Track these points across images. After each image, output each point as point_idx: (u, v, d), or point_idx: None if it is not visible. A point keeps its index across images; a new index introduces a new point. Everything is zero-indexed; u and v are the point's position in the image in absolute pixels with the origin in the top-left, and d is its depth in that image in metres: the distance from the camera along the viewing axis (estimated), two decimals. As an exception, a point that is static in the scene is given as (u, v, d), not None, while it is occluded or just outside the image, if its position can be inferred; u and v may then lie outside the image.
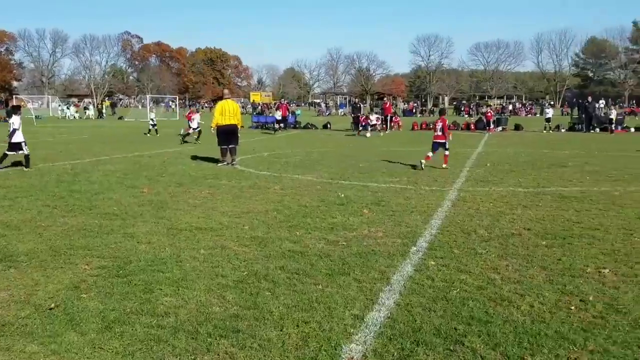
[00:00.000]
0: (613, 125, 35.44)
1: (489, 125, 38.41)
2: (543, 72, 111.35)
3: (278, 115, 37.66)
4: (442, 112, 17.88)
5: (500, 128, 39.00)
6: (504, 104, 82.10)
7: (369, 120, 34.29)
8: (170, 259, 6.87)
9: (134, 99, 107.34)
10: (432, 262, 6.74)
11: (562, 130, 37.47)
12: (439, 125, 16.21)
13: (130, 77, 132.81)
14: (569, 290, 5.74)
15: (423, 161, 15.84)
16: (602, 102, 62.80)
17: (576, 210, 9.86)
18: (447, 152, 16.18)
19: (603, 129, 35.78)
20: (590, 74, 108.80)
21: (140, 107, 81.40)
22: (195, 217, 9.29)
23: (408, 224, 8.82)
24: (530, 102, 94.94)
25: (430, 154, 16.06)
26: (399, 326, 4.87)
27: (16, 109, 16.62)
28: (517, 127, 39.88)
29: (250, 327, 4.85)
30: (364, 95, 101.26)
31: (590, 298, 5.50)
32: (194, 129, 27.65)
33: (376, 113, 38.87)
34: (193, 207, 10.17)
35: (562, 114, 65.57)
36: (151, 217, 9.32)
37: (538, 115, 68.00)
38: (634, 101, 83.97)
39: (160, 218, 9.23)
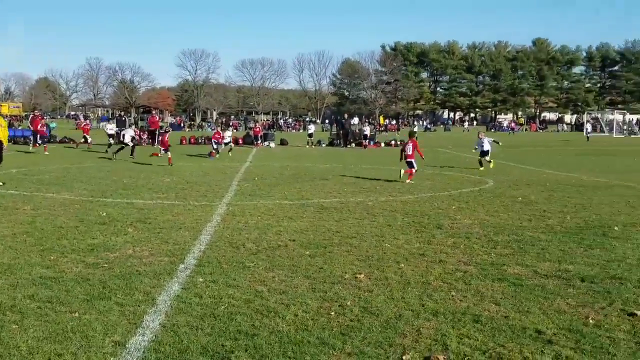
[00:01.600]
0: (367, 141, 38.79)
1: (257, 140, 39.53)
2: (305, 90, 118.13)
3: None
4: (412, 134, 18.60)
5: (267, 143, 40.36)
6: (272, 120, 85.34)
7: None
8: None
9: None
10: (201, 279, 6.63)
11: (323, 145, 40.00)
12: (410, 145, 17.34)
13: None
14: (330, 297, 6.06)
15: (408, 180, 16.56)
16: (356, 119, 68.41)
17: (336, 220, 10.51)
18: (414, 170, 17.13)
19: (358, 144, 38.96)
20: (346, 93, 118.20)
21: None
22: None
23: (176, 241, 8.60)
24: (294, 118, 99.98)
25: (414, 170, 17.03)
26: (164, 349, 4.67)
27: None
28: (283, 142, 41.61)
29: (-7, 367, 4.27)
30: (129, 109, 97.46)
31: (348, 303, 5.87)
32: None
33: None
34: None
35: (323, 130, 70.02)
36: None
37: (301, 130, 71.80)
38: (389, 119, 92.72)
39: None
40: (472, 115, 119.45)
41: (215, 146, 27.95)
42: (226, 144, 29.57)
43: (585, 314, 5.54)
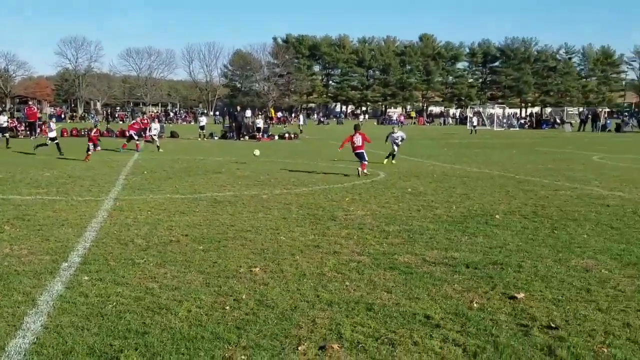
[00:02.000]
0: (260, 134, 38.63)
1: (145, 133, 38.25)
2: (195, 81, 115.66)
3: None
4: (357, 127, 18.64)
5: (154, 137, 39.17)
6: (160, 112, 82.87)
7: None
8: None
9: None
10: (86, 277, 6.32)
11: (216, 138, 39.41)
12: (359, 137, 17.47)
13: None
14: (224, 291, 5.97)
15: (365, 171, 16.71)
16: (249, 112, 67.96)
17: (230, 214, 10.38)
18: (366, 161, 17.15)
19: (252, 137, 38.72)
20: (239, 85, 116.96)
21: None
22: None
23: (58, 239, 8.14)
24: (185, 110, 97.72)
25: (365, 161, 17.03)
26: (46, 351, 4.41)
27: None
28: (173, 135, 40.56)
29: None
30: (4, 99, 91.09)
31: (243, 296, 5.80)
32: None
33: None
34: None
35: (215, 123, 69.00)
36: None
37: (193, 123, 70.37)
38: (285, 111, 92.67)
39: None
40: (364, 108, 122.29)
41: (136, 138, 26.42)
42: (153, 137, 28.11)
43: (470, 298, 5.81)
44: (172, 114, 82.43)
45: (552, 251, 7.75)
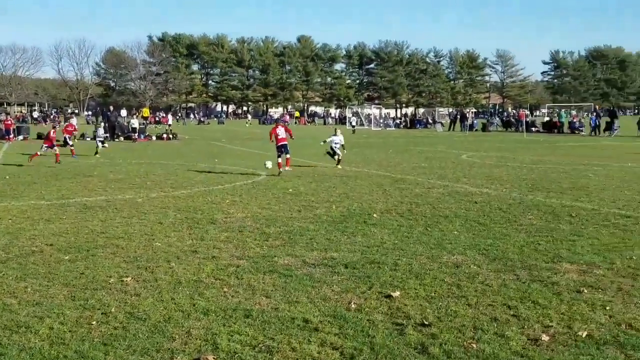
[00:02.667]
0: (136, 135, 37.19)
1: (9, 134, 35.74)
2: (65, 80, 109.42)
3: None
4: (278, 120, 17.82)
5: (21, 137, 36.70)
6: (25, 112, 77.56)
7: None
8: None
9: None
10: None
11: (88, 139, 37.44)
12: (281, 129, 17.49)
13: None
14: (91, 305, 5.59)
15: (280, 169, 16.68)
16: (124, 112, 65.42)
17: (101, 220, 9.84)
18: (289, 155, 17.41)
19: (127, 138, 37.19)
20: (112, 84, 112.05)
21: None
22: None
23: None
24: (55, 110, 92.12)
25: (280, 160, 16.94)
26: None
27: None
28: (40, 137, 38.06)
29: None
30: None
31: (112, 309, 5.46)
32: None
33: None
34: None
35: (88, 123, 65.66)
36: None
37: (63, 123, 66.48)
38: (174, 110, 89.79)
39: None
40: (245, 108, 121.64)
41: (69, 142, 23.58)
42: (102, 141, 25.80)
43: (348, 299, 5.84)
44: (37, 114, 77.31)
45: (425, 248, 8.00)
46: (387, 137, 43.71)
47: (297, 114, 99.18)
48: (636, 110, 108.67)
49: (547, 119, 55.19)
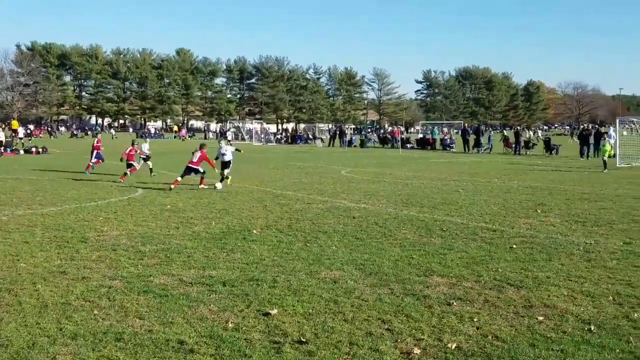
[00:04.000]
0: (2, 149, 34.81)
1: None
2: None
3: None
4: (202, 146, 18.40)
5: None
6: None
7: None
8: None
9: None
10: None
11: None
12: (198, 154, 17.60)
13: None
14: (-56, 334, 5.14)
15: (172, 186, 16.68)
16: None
17: (-43, 241, 9.08)
18: (203, 176, 17.53)
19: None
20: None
21: None
22: None
23: None
24: None
25: (179, 178, 17.18)
26: None
27: None
28: None
29: None
30: None
31: (-31, 338, 5.06)
32: None
33: None
34: None
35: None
36: None
37: None
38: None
39: None
40: (122, 121, 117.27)
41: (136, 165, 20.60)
42: (145, 159, 22.17)
43: (226, 318, 5.79)
44: None
45: (304, 264, 8.11)
46: (267, 152, 43.89)
47: (175, 127, 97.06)
48: (500, 128, 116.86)
49: (420, 135, 57.84)
